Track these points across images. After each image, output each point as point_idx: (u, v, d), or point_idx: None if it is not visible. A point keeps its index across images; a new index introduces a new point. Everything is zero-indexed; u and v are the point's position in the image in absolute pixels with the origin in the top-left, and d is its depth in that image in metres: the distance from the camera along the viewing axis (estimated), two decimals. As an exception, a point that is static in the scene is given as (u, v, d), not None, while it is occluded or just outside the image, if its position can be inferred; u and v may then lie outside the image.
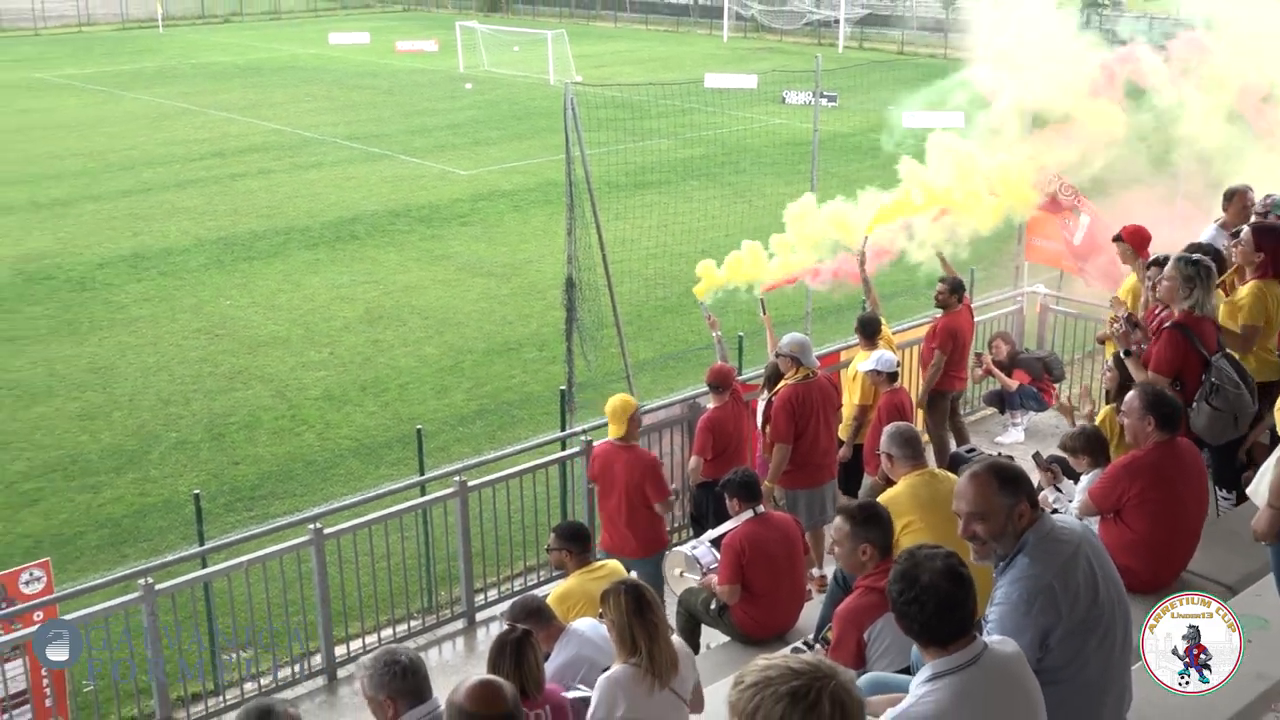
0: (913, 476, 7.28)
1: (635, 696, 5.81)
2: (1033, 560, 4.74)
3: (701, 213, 23.50)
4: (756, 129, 39.11)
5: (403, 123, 42.28)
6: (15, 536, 15.17)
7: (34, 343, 21.56)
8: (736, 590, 8.01)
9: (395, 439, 17.49)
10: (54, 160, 36.27)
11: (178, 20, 76.00)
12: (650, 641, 5.83)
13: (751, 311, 19.02)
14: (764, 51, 59.85)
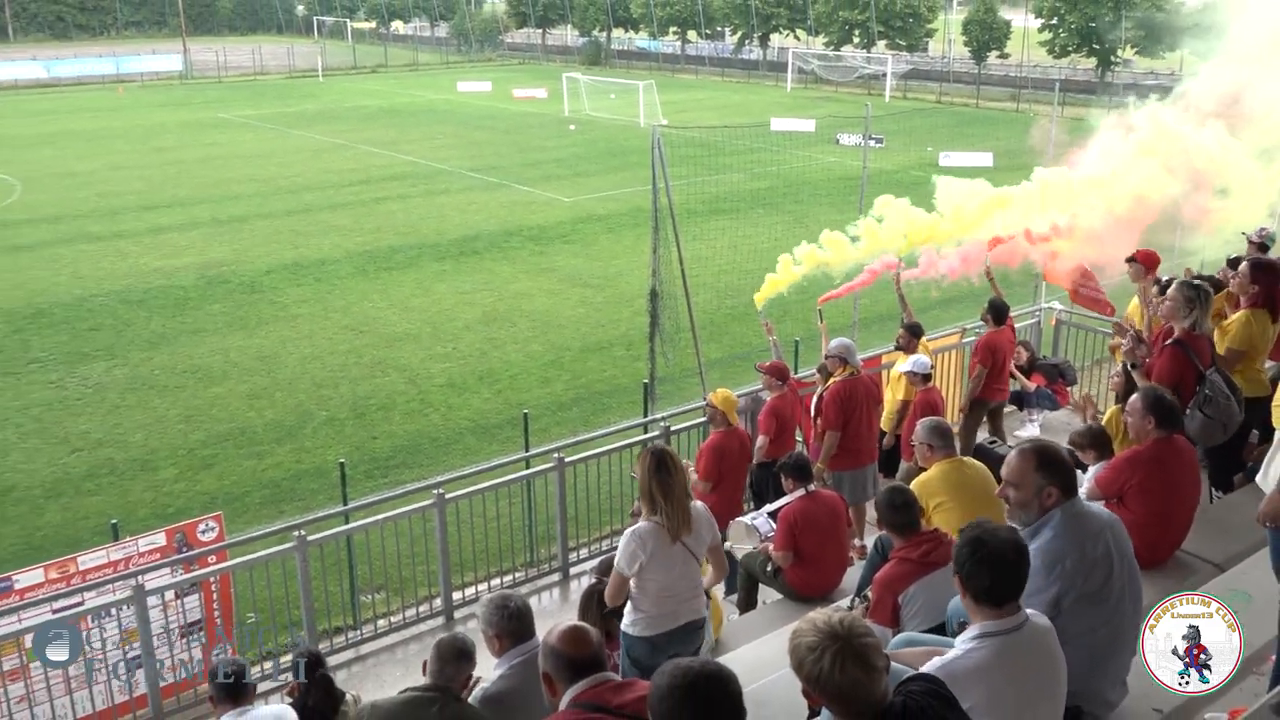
0: (944, 463, 7.17)
1: (655, 547, 5.86)
2: (1056, 534, 4.75)
3: (766, 235, 23.30)
4: (814, 166, 38.75)
5: (517, 157, 42.51)
6: (195, 493, 15.49)
7: (213, 335, 21.99)
8: (789, 556, 7.96)
9: (505, 421, 17.58)
10: (233, 185, 36.97)
11: (334, 71, 77.11)
12: (666, 500, 5.85)
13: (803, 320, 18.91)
14: (821, 100, 59.28)
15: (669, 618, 6.03)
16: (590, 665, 4.18)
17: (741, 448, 9.58)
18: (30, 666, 8.98)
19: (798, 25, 75.40)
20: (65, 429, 17.61)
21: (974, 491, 7.03)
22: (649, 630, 6.02)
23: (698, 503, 6.23)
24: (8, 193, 35.79)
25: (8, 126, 50.90)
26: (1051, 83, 46.66)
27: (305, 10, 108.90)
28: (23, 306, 23.72)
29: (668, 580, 5.96)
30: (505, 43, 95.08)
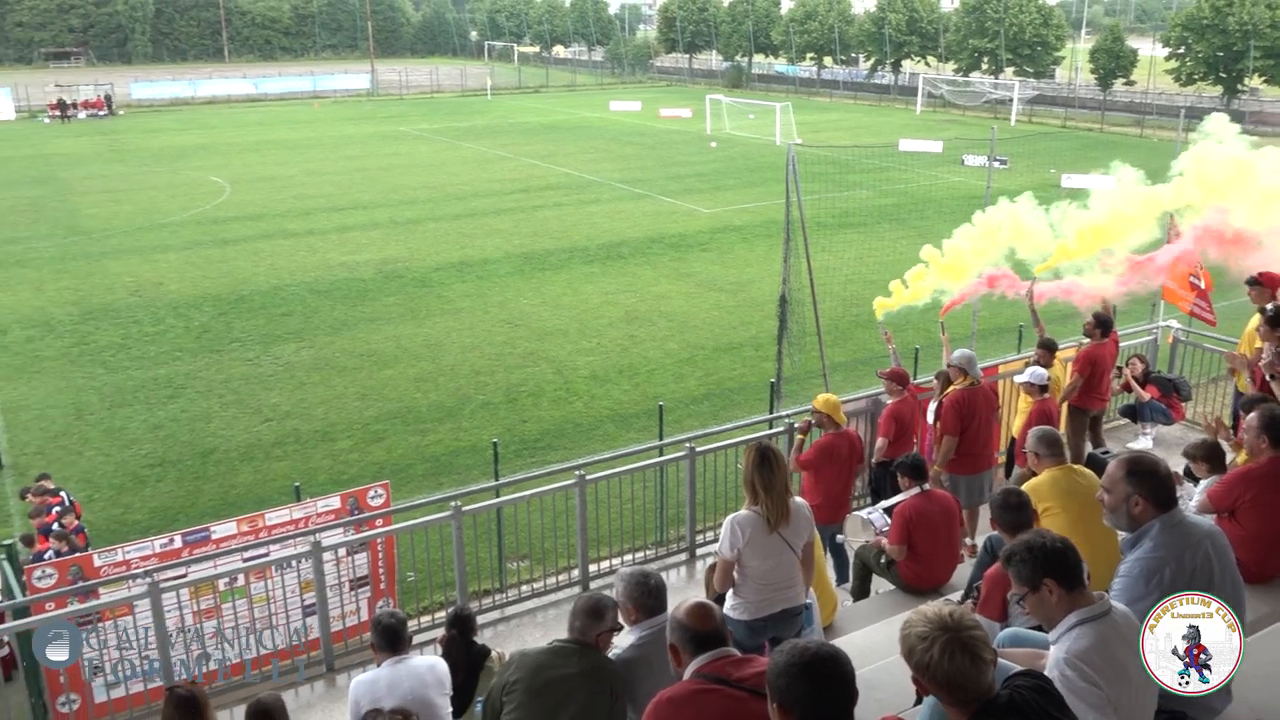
0: (1055, 470, 6.89)
1: (753, 535, 5.79)
2: (1155, 544, 4.56)
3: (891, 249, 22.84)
4: (939, 185, 37.80)
5: (661, 171, 42.66)
6: (366, 463, 16.01)
7: (387, 323, 22.68)
8: (903, 550, 7.79)
9: (642, 411, 17.66)
10: (409, 190, 38.09)
11: (501, 90, 78.72)
12: (766, 492, 5.79)
13: (923, 328, 18.48)
14: (948, 123, 57.74)
15: (766, 604, 5.96)
16: (713, 639, 4.16)
17: (850, 447, 9.39)
18: (223, 607, 9.44)
19: (929, 52, 73.68)
20: (259, 401, 18.43)
21: (1081, 499, 6.73)
22: (747, 614, 5.97)
23: (798, 499, 6.15)
24: (219, 193, 37.66)
25: (221, 135, 53.58)
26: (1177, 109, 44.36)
27: (478, 35, 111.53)
28: (228, 293, 24.92)
29: (764, 568, 5.90)
30: (655, 66, 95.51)
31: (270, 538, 10.04)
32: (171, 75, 78.62)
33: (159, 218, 33.34)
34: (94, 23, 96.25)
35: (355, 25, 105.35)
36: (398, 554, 10.61)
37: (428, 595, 10.63)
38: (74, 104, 62.00)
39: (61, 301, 24.20)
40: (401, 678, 5.57)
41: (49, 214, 33.82)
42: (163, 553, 9.67)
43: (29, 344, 21.32)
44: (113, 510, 14.55)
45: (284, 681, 8.95)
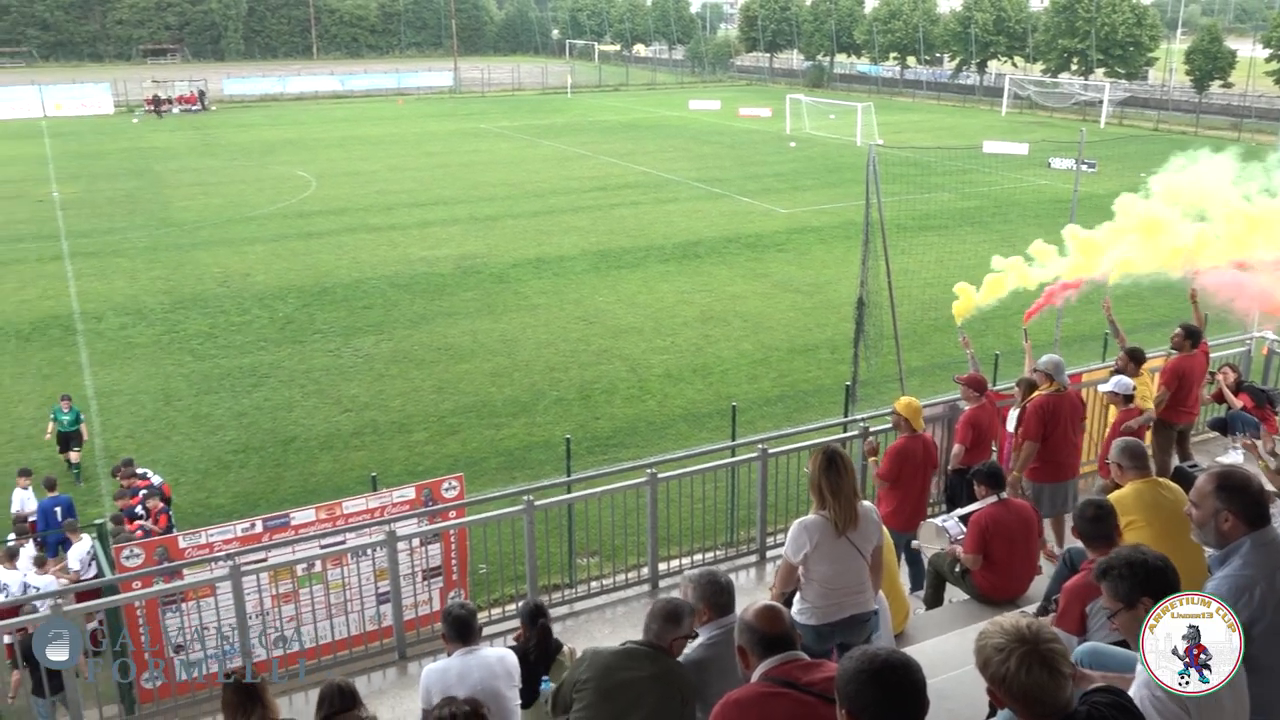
0: (1140, 483, 6.69)
1: (820, 539, 5.72)
2: (1245, 562, 4.39)
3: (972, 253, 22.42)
4: (1024, 188, 37.03)
5: (739, 170, 42.49)
6: (441, 455, 16.23)
7: (464, 318, 22.97)
8: (978, 559, 7.63)
9: (715, 411, 17.61)
10: (489, 187, 38.52)
11: (581, 88, 79.17)
12: (834, 496, 5.71)
13: (1003, 334, 18.12)
14: (1035, 125, 56.49)
15: (834, 609, 5.89)
16: (782, 642, 4.13)
17: (925, 453, 9.24)
18: (300, 592, 9.65)
19: (1016, 52, 72.17)
20: (339, 391, 18.82)
21: (1166, 513, 6.52)
22: (814, 619, 5.90)
23: (866, 503, 6.07)
24: (305, 187, 38.52)
25: (308, 131, 54.80)
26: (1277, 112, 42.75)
27: (559, 34, 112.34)
28: (312, 285, 25.49)
29: (832, 573, 5.82)
30: (735, 65, 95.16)
31: (347, 526, 10.25)
32: (262, 72, 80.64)
33: (247, 211, 34.23)
34: (190, 20, 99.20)
35: (440, 23, 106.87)
36: (470, 546, 10.74)
37: (499, 588, 10.73)
38: (169, 99, 63.98)
39: (154, 290, 24.99)
40: (472, 668, 5.62)
41: (143, 206, 34.95)
42: (244, 537, 9.94)
43: (122, 331, 22.07)
44: (198, 494, 14.98)
45: (357, 667, 9.12)
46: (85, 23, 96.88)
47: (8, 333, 21.91)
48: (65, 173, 41.14)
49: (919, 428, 9.27)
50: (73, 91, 64.79)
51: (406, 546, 9.82)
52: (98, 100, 64.20)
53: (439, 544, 10.43)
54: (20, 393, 18.72)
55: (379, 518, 10.31)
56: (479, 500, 11.47)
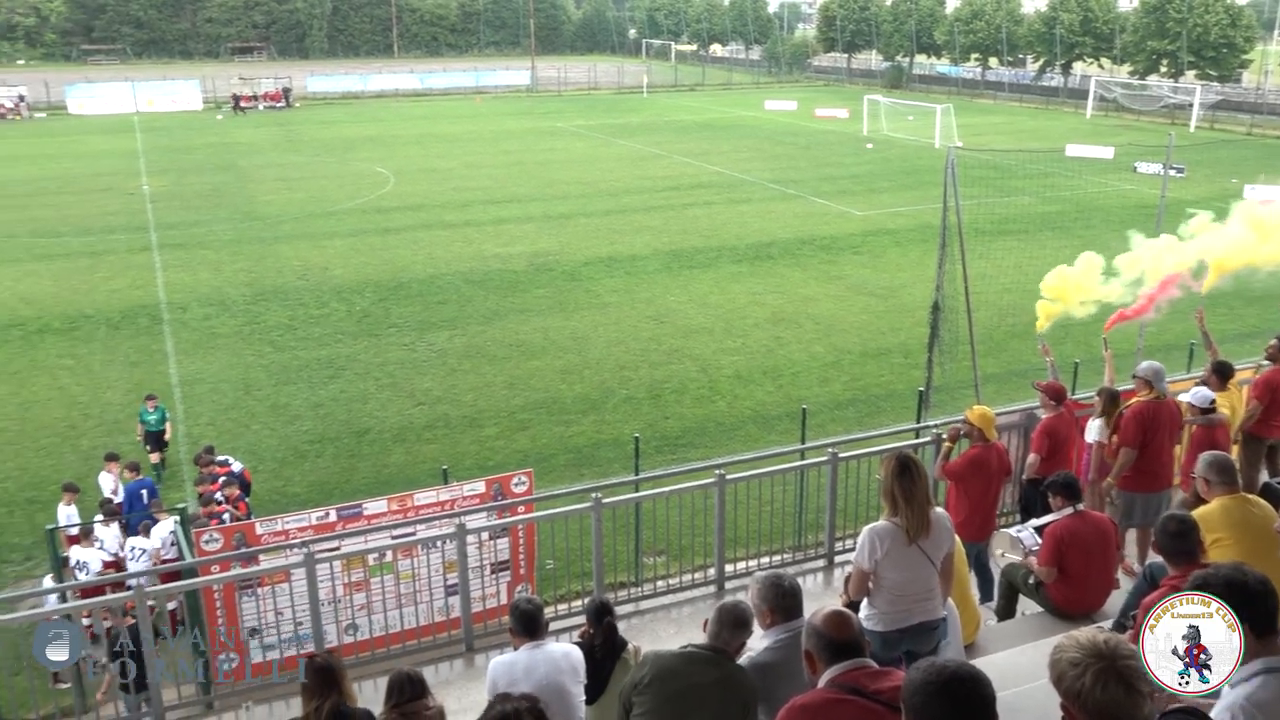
0: (1227, 499, 6.48)
1: (891, 546, 5.64)
2: None
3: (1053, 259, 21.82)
4: (1109, 193, 36.13)
5: (814, 172, 42.16)
6: (511, 450, 16.38)
7: (536, 315, 23.15)
8: (1053, 572, 7.46)
9: (785, 414, 17.50)
10: (563, 185, 38.76)
11: (657, 88, 79.25)
12: (906, 503, 5.63)
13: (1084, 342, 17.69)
14: (1121, 128, 55.07)
15: (902, 616, 5.81)
16: (850, 649, 4.10)
17: (999, 462, 9.07)
18: (371, 581, 9.83)
19: (1103, 54, 70.44)
20: (412, 385, 19.10)
21: (1255, 531, 6.31)
22: (881, 625, 5.84)
23: (939, 509, 5.97)
24: (383, 184, 39.18)
25: (388, 128, 55.73)
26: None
27: (636, 33, 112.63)
28: (388, 280, 25.92)
29: (901, 579, 5.75)
30: (812, 65, 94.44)
31: (418, 518, 10.41)
32: (344, 70, 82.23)
33: (327, 206, 34.93)
34: (276, 19, 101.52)
35: (518, 23, 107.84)
36: (538, 541, 10.83)
37: (565, 584, 10.80)
38: (254, 96, 65.59)
39: (236, 282, 25.64)
40: (538, 662, 5.67)
41: (229, 199, 35.88)
42: (318, 525, 10.15)
43: (206, 321, 22.68)
44: (275, 482, 15.33)
45: (425, 657, 9.26)
46: (177, 21, 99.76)
47: (98, 321, 22.67)
48: (155, 167, 42.41)
49: (991, 437, 9.11)
50: (163, 88, 66.77)
51: (475, 540, 9.95)
52: (187, 96, 66.09)
53: (507, 538, 10.54)
54: (109, 379, 19.36)
55: (449, 510, 10.46)
56: (548, 496, 11.57)
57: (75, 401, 18.30)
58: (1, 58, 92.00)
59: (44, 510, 13.83)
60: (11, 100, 61.51)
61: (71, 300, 24.13)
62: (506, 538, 10.54)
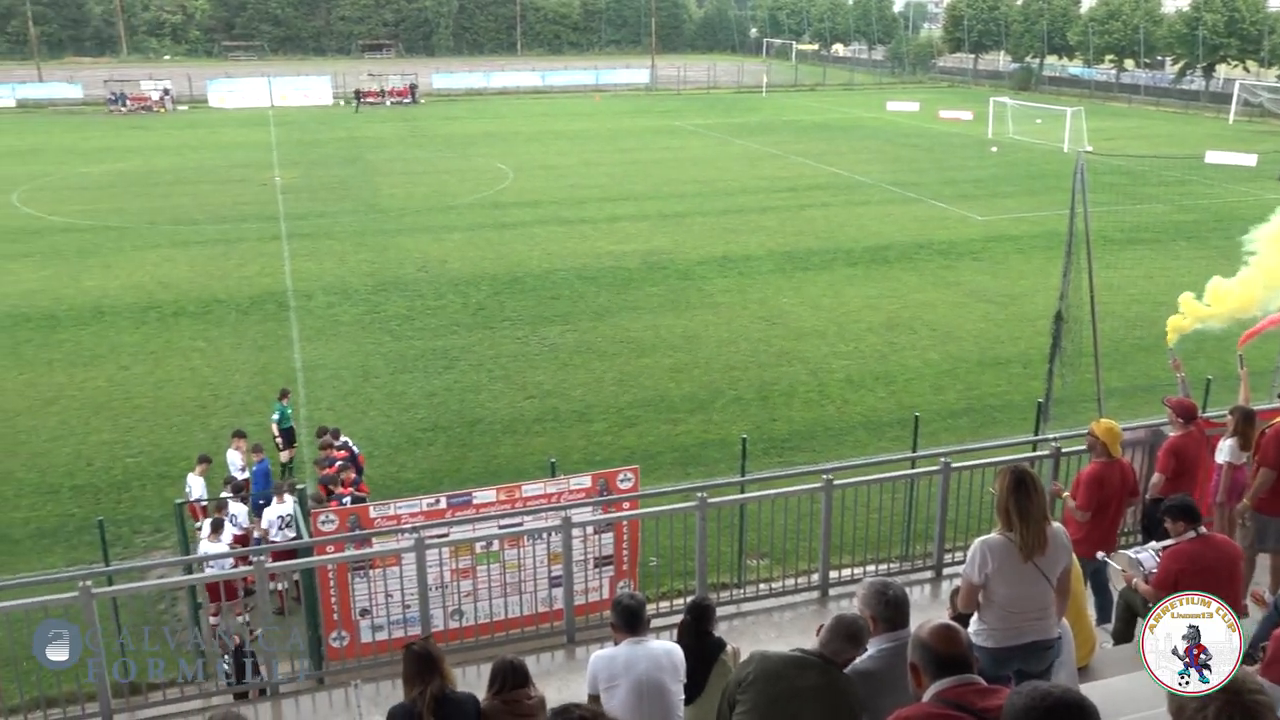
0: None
1: (1002, 562, 5.47)
2: None
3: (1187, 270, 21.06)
4: (1250, 202, 34.37)
5: (935, 175, 41.26)
6: (618, 446, 16.49)
7: (648, 313, 23.25)
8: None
9: (896, 420, 17.20)
10: (679, 184, 38.82)
11: (777, 87, 78.69)
12: (1021, 520, 5.46)
13: (1218, 358, 16.90)
14: (1267, 134, 52.37)
15: (1013, 633, 5.64)
16: (957, 663, 4.00)
17: (1122, 480, 8.69)
18: (478, 568, 10.02)
19: (1249, 56, 67.04)
20: (524, 378, 19.40)
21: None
22: (990, 642, 5.67)
23: (1056, 525, 5.77)
24: (502, 179, 39.88)
25: (508, 125, 56.71)
26: None
27: (757, 32, 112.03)
28: (504, 274, 26.38)
29: (1014, 595, 5.57)
30: (937, 66, 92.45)
31: (525, 509, 10.56)
32: (469, 67, 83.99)
33: (448, 200, 35.74)
34: (405, 17, 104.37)
35: (639, 21, 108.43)
36: (642, 538, 10.87)
37: (667, 582, 10.82)
38: (381, 92, 67.52)
39: (359, 272, 26.44)
40: (639, 658, 5.69)
41: (354, 192, 37.04)
42: (429, 511, 10.39)
43: (329, 309, 23.46)
44: (389, 467, 15.76)
45: (527, 646, 9.38)
46: (312, 19, 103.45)
47: (229, 306, 23.67)
48: (287, 159, 44.06)
49: (1116, 454, 8.76)
50: (297, 83, 69.37)
51: (580, 533, 10.04)
52: (319, 92, 68.49)
53: (611, 533, 10.61)
54: (237, 362, 20.20)
55: (555, 503, 10.57)
56: (653, 494, 11.60)
57: (206, 382, 19.15)
58: (149, 53, 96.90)
59: (174, 485, 14.52)
60: (157, 93, 64.70)
61: (205, 285, 25.25)
62: (611, 533, 10.61)
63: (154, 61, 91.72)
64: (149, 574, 11.68)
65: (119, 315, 22.99)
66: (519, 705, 5.41)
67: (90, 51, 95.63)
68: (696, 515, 9.56)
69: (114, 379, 19.33)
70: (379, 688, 8.42)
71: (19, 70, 78.35)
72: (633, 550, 10.84)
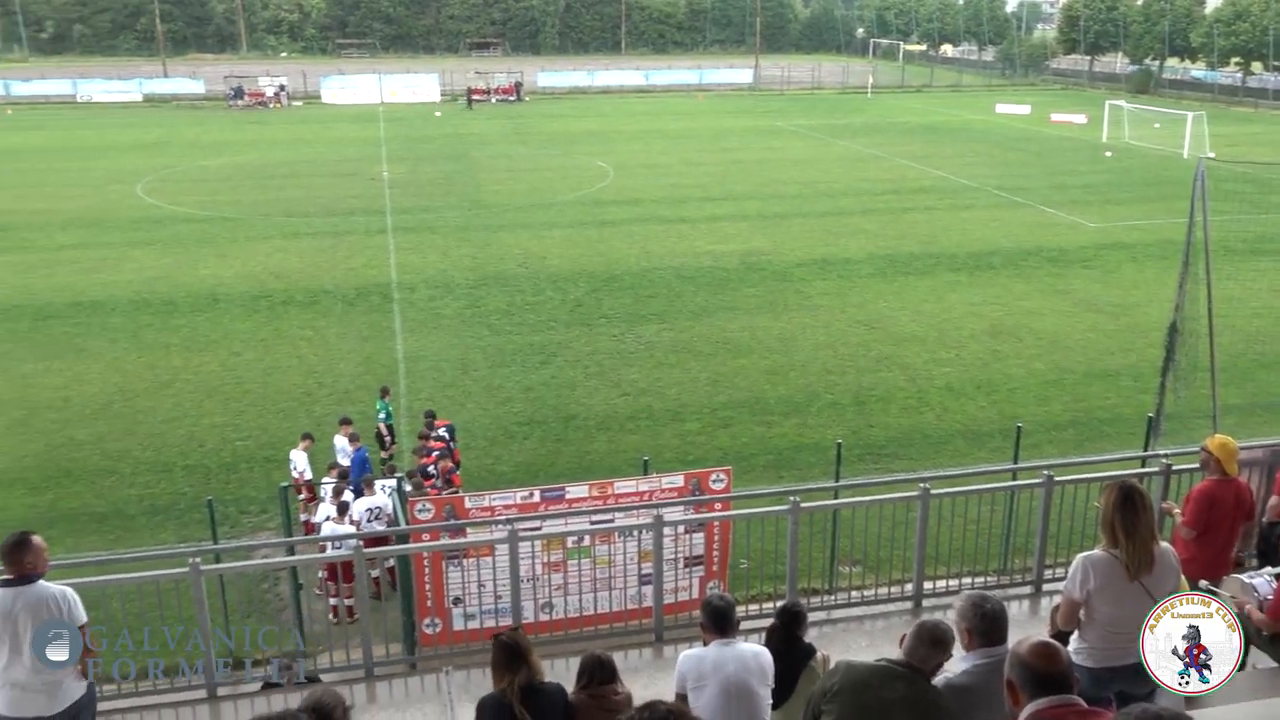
0: None
1: (1106, 579, 5.32)
2: None
3: (1314, 283, 20.08)
4: (1385, 213, 32.61)
5: (1045, 180, 40.11)
6: (711, 447, 16.45)
7: (745, 314, 23.14)
8: None
9: (997, 431, 16.79)
10: (780, 185, 38.55)
11: (882, 88, 77.49)
12: (1127, 536, 5.30)
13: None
14: (1406, 142, 49.62)
15: (1115, 653, 5.45)
16: (1057, 682, 3.88)
17: (1236, 500, 8.31)
18: (569, 563, 10.11)
19: (1389, 59, 63.60)
20: (619, 375, 19.50)
21: None
22: (1090, 661, 5.49)
23: (1164, 544, 5.55)
24: (603, 177, 40.15)
25: (611, 123, 57.06)
26: None
27: (864, 33, 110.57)
28: (602, 271, 26.55)
29: (1117, 615, 5.38)
30: (1050, 68, 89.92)
31: (616, 505, 10.61)
32: (573, 66, 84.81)
33: (549, 197, 36.14)
34: (512, 16, 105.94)
35: (744, 21, 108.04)
36: (733, 539, 10.83)
37: (758, 585, 10.76)
38: (487, 90, 68.62)
39: (461, 267, 26.92)
40: (727, 659, 5.67)
41: (458, 188, 37.72)
42: (522, 504, 10.52)
43: (431, 302, 23.94)
44: (484, 460, 16.01)
45: (614, 643, 9.42)
46: (422, 18, 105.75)
47: (336, 296, 24.34)
48: (394, 155, 45.12)
49: (1231, 472, 8.39)
50: (406, 81, 70.98)
51: (671, 532, 10.05)
52: (427, 89, 69.94)
53: (702, 533, 10.60)
54: (342, 351, 20.76)
55: (647, 501, 10.60)
56: (745, 495, 11.55)
57: (311, 370, 19.73)
58: (267, 50, 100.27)
59: (280, 469, 15.00)
60: (273, 89, 66.90)
61: (314, 276, 26.02)
62: (702, 533, 10.60)
63: (271, 58, 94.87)
64: (254, 554, 12.10)
65: (232, 303, 23.85)
66: (606, 700, 5.44)
67: (212, 48, 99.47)
68: (789, 519, 9.46)
69: (226, 364, 20.06)
70: (469, 675, 8.55)
71: (146, 66, 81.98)
72: (723, 551, 10.80)
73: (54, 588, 6.14)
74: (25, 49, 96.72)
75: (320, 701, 4.41)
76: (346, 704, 4.51)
